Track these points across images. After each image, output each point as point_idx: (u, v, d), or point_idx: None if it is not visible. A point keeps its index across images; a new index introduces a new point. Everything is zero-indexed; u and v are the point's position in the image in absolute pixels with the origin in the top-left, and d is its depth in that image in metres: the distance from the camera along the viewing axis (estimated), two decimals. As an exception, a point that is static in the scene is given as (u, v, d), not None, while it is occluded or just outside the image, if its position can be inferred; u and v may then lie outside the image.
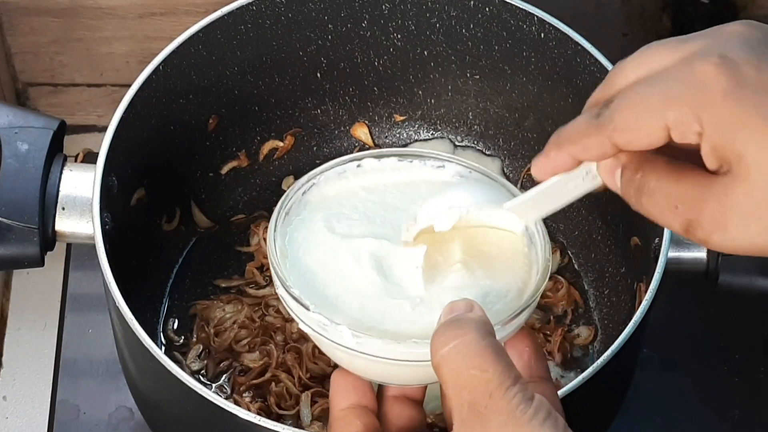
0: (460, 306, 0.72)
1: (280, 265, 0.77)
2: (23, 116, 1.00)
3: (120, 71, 1.27)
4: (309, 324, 0.76)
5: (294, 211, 0.81)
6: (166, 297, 1.12)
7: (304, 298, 0.75)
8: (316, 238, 0.79)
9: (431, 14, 1.10)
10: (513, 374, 0.68)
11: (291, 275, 0.77)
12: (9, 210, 0.96)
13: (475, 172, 0.83)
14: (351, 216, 0.81)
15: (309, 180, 0.82)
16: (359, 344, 0.74)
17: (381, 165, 0.83)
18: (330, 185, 0.82)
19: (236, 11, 1.07)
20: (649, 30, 1.26)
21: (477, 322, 0.70)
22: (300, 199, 0.81)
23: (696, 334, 1.17)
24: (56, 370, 1.16)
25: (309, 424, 1.03)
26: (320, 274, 0.78)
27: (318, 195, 0.82)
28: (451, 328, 0.70)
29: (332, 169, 0.82)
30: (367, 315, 0.76)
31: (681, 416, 1.13)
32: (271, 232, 0.79)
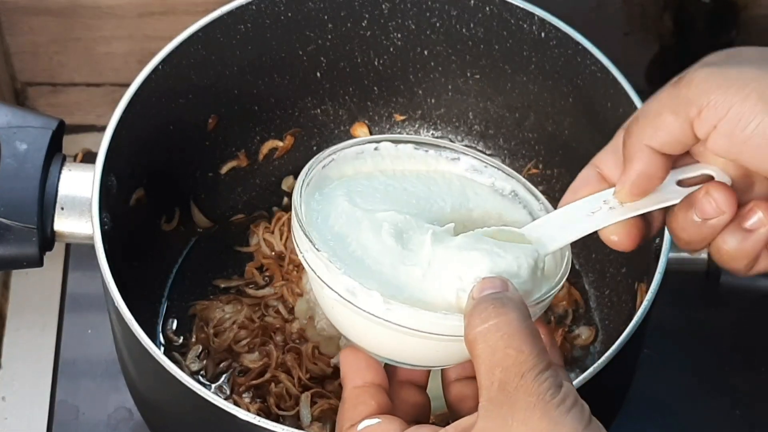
0: (496, 283, 0.72)
1: (306, 228, 0.76)
2: (22, 116, 1.00)
3: (119, 71, 1.27)
4: (336, 289, 0.74)
5: (314, 184, 0.81)
6: (165, 297, 1.12)
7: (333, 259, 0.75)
8: (338, 210, 0.79)
9: (431, 14, 1.10)
10: (547, 359, 0.70)
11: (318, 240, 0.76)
12: (8, 210, 0.96)
13: (490, 167, 0.82)
14: (373, 195, 0.81)
15: (329, 155, 0.82)
16: (388, 311, 0.73)
17: (397, 151, 0.83)
18: (347, 164, 0.82)
19: (236, 11, 1.07)
20: (650, 30, 1.26)
21: (517, 303, 0.71)
22: (320, 172, 0.81)
23: (697, 334, 1.17)
24: (55, 371, 1.16)
25: (309, 424, 1.03)
26: (344, 243, 0.77)
27: (336, 171, 0.82)
28: (492, 305, 0.71)
29: (350, 148, 0.82)
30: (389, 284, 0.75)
31: (681, 416, 1.13)
32: (296, 197, 0.78)
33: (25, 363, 1.17)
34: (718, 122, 0.73)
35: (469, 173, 0.83)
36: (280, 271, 1.11)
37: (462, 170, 0.83)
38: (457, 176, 0.83)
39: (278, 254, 1.13)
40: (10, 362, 1.17)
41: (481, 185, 0.83)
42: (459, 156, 0.83)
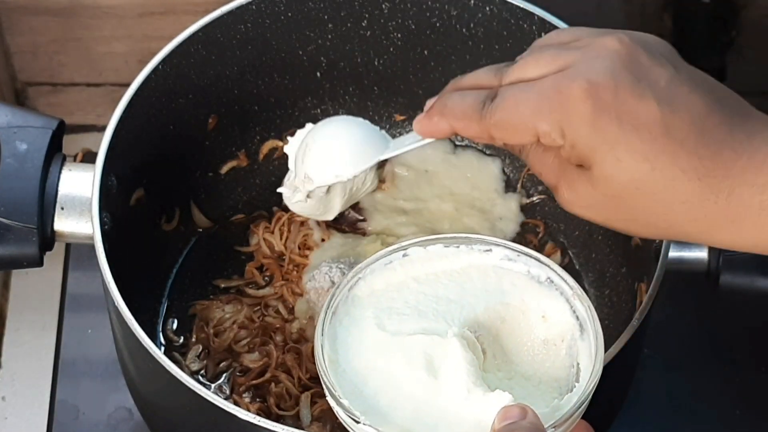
0: (514, 413, 0.72)
1: (328, 374, 0.76)
2: (22, 116, 1.00)
3: (119, 71, 1.27)
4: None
5: (342, 310, 0.80)
6: (165, 297, 1.11)
7: (353, 407, 0.75)
8: (365, 338, 0.78)
9: (431, 14, 1.10)
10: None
11: (340, 382, 0.76)
12: (8, 210, 0.96)
13: (523, 256, 0.82)
14: (402, 311, 0.80)
15: (355, 275, 0.81)
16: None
17: (428, 253, 0.82)
18: (377, 277, 0.81)
19: (236, 11, 1.07)
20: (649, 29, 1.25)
21: (531, 430, 0.71)
22: (347, 295, 0.80)
23: (697, 334, 1.17)
24: (55, 371, 1.15)
25: (309, 424, 1.03)
26: (371, 379, 0.77)
27: (366, 289, 0.81)
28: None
29: (378, 261, 0.81)
30: (420, 421, 0.75)
31: (681, 416, 1.13)
32: (318, 336, 0.78)
33: (25, 363, 1.17)
34: None
35: (503, 263, 0.82)
36: (280, 271, 1.11)
37: (497, 260, 0.82)
38: (492, 267, 0.82)
39: (278, 254, 1.13)
40: (10, 362, 1.17)
41: (518, 274, 0.82)
42: (491, 248, 0.82)
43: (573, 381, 0.78)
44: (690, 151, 0.75)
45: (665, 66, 0.77)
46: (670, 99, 0.75)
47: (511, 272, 0.82)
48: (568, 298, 0.80)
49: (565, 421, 0.74)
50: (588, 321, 0.79)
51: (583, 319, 0.79)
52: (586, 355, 0.78)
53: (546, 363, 0.79)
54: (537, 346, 0.80)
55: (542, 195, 1.16)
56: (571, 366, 0.79)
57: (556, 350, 0.79)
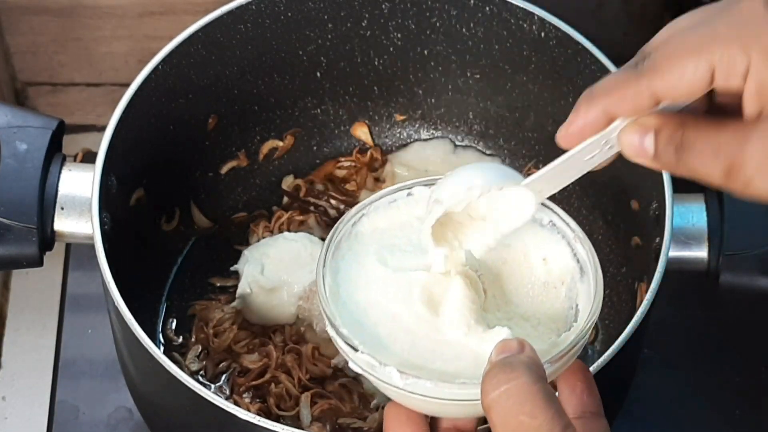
0: (511, 346, 0.71)
1: (329, 304, 0.76)
2: (22, 116, 1.00)
3: (119, 71, 1.27)
4: (358, 363, 0.75)
5: (344, 245, 0.80)
6: (165, 297, 1.11)
7: (353, 337, 0.75)
8: (367, 273, 0.78)
9: (431, 14, 1.10)
10: (562, 422, 0.68)
11: (341, 313, 0.76)
12: (8, 210, 0.96)
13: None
14: (405, 248, 0.80)
15: (358, 211, 0.80)
16: (408, 385, 0.73)
17: None
18: (381, 216, 0.81)
19: (236, 11, 1.07)
20: (649, 29, 1.25)
21: (528, 364, 0.69)
22: (350, 231, 0.80)
23: (697, 334, 1.17)
24: (55, 371, 1.16)
25: (308, 425, 1.03)
26: (371, 312, 0.77)
27: (369, 226, 0.81)
28: (502, 371, 0.69)
29: (382, 198, 0.81)
30: (417, 354, 0.75)
31: (682, 416, 1.13)
32: (320, 267, 0.78)
33: (26, 363, 1.17)
34: None
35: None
36: (280, 271, 1.12)
37: None
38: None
39: (278, 254, 1.13)
40: (11, 362, 1.17)
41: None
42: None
43: (571, 321, 0.78)
44: None
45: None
46: None
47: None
48: (570, 241, 0.80)
49: (560, 357, 0.74)
50: (588, 263, 0.79)
51: (584, 262, 0.79)
52: (585, 296, 0.78)
53: (545, 304, 0.79)
54: (537, 288, 0.80)
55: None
56: (570, 308, 0.79)
57: (556, 292, 0.80)
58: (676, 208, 0.97)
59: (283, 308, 1.07)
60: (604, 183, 1.09)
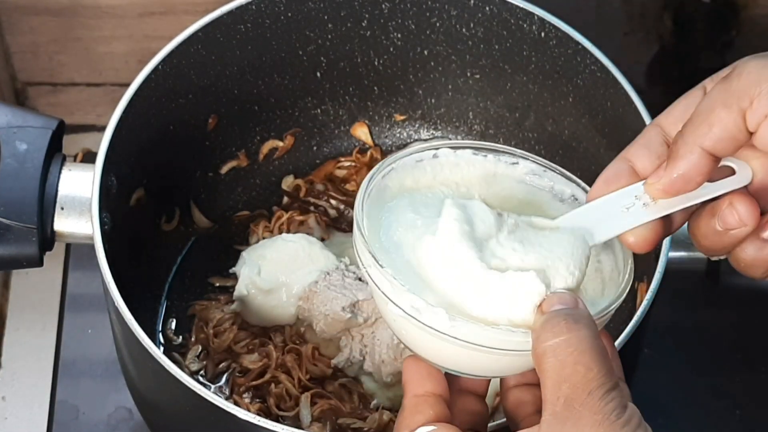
0: (567, 299, 0.72)
1: (370, 243, 0.76)
2: (22, 116, 1.00)
3: (119, 71, 1.27)
4: (401, 305, 0.74)
5: (376, 195, 0.79)
6: (164, 297, 1.12)
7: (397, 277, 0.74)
8: (403, 221, 0.78)
9: (431, 14, 1.10)
10: (614, 378, 0.70)
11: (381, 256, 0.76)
12: (8, 210, 0.96)
13: (549, 171, 0.82)
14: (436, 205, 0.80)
15: (389, 165, 0.80)
16: (453, 327, 0.73)
17: (456, 157, 0.82)
18: (407, 173, 0.81)
19: (236, 11, 1.07)
20: (649, 29, 1.26)
21: (589, 320, 0.71)
22: (380, 182, 0.80)
23: (697, 334, 1.17)
24: (55, 371, 1.16)
25: (309, 425, 1.03)
26: (410, 256, 0.76)
27: (397, 181, 0.81)
28: (565, 321, 0.71)
29: (410, 156, 0.81)
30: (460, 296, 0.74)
31: (681, 416, 1.13)
32: (358, 211, 0.77)
33: (26, 363, 1.17)
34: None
35: (528, 177, 0.82)
36: (280, 271, 1.12)
37: (521, 174, 0.82)
38: (517, 182, 0.82)
39: (278, 254, 1.13)
40: (11, 362, 1.17)
41: (542, 190, 0.82)
42: (518, 160, 0.82)
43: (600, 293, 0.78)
44: None
45: None
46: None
47: (535, 188, 0.82)
48: None
49: (598, 319, 0.74)
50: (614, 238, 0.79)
51: None
52: (609, 267, 0.79)
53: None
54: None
55: None
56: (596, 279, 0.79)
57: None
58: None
59: (282, 309, 1.07)
60: (604, 183, 1.09)
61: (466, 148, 0.82)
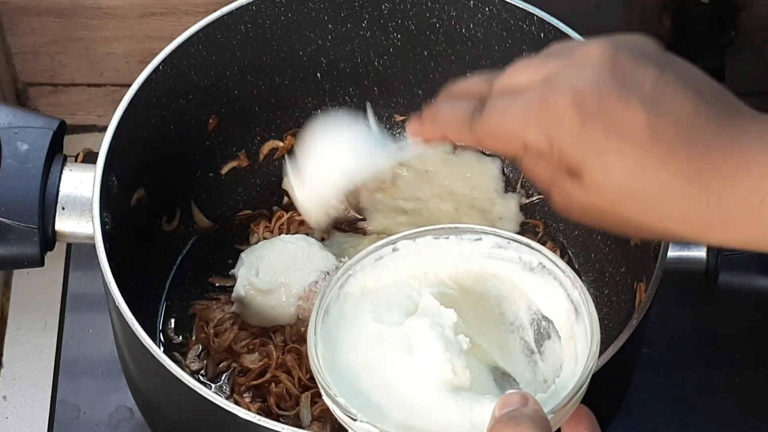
0: (514, 400, 0.71)
1: (323, 373, 0.75)
2: (23, 116, 1.00)
3: (120, 71, 1.27)
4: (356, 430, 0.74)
5: (334, 308, 0.79)
6: (165, 297, 1.12)
7: (350, 405, 0.74)
8: (362, 333, 0.78)
9: (431, 14, 1.10)
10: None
11: (336, 380, 0.75)
12: (9, 210, 0.96)
13: (513, 243, 0.81)
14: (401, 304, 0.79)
15: (345, 272, 0.80)
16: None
17: (417, 246, 0.81)
18: (368, 274, 0.80)
19: (236, 11, 1.07)
20: (649, 30, 1.25)
21: (534, 418, 0.70)
22: (338, 293, 0.79)
23: (696, 334, 1.17)
24: (56, 370, 1.16)
25: (309, 424, 1.03)
26: (366, 375, 0.76)
27: (357, 286, 0.80)
28: (507, 426, 0.70)
29: (368, 257, 0.80)
30: (416, 418, 0.74)
31: (681, 416, 1.13)
32: (311, 335, 0.77)
33: (27, 362, 1.17)
34: None
35: (494, 251, 0.81)
36: (280, 271, 1.12)
37: (487, 249, 0.81)
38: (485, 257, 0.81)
39: (278, 254, 1.13)
40: (12, 361, 1.18)
41: (510, 262, 0.81)
42: (480, 236, 0.81)
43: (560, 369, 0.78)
44: (678, 154, 0.74)
45: (650, 68, 0.76)
46: (656, 101, 0.75)
47: (503, 260, 0.81)
48: (562, 283, 0.80)
49: (563, 406, 0.73)
50: (582, 304, 0.78)
51: (578, 303, 0.79)
52: (582, 338, 0.78)
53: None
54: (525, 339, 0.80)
55: (542, 195, 1.16)
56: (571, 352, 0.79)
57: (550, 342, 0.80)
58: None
59: (282, 309, 1.07)
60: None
61: (425, 235, 0.82)
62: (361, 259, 0.80)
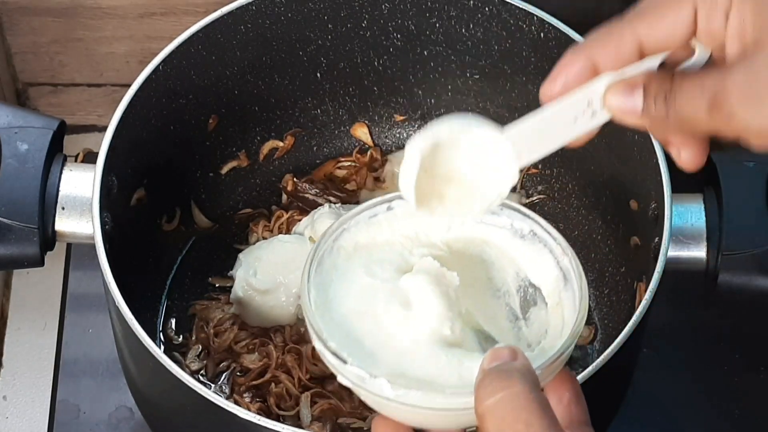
0: (504, 354, 0.70)
1: (315, 318, 0.76)
2: (23, 116, 1.00)
3: (120, 71, 1.27)
4: (347, 377, 0.74)
5: (327, 260, 0.79)
6: (165, 297, 1.12)
7: (341, 350, 0.74)
8: (354, 285, 0.78)
9: (431, 14, 1.10)
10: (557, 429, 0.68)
11: (327, 326, 0.75)
12: (9, 210, 0.96)
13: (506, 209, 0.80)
14: (393, 262, 0.79)
15: (340, 226, 0.80)
16: (399, 396, 0.73)
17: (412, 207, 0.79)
18: (362, 231, 0.80)
19: (236, 11, 1.07)
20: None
21: (523, 372, 0.69)
22: (332, 246, 0.79)
23: (696, 334, 1.17)
24: (56, 370, 1.16)
25: (309, 424, 1.03)
26: (358, 323, 0.76)
27: (350, 241, 0.80)
28: (497, 379, 0.69)
29: (363, 213, 0.80)
30: (406, 364, 0.75)
31: (681, 416, 1.13)
32: (304, 282, 0.77)
33: (27, 362, 1.17)
34: None
35: (487, 217, 0.80)
36: (280, 271, 1.12)
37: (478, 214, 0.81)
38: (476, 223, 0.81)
39: (278, 254, 1.13)
40: (12, 361, 1.18)
41: (501, 228, 0.81)
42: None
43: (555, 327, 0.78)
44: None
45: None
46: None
47: (494, 226, 0.81)
48: (552, 250, 0.79)
49: (549, 365, 0.73)
50: (572, 271, 0.78)
51: (567, 270, 0.78)
52: (570, 304, 0.78)
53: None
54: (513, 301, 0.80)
55: (542, 195, 1.16)
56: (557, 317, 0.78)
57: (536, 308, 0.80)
58: (675, 208, 0.97)
59: (281, 309, 1.07)
60: (603, 183, 1.09)
61: None
62: (355, 215, 0.80)
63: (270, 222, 1.15)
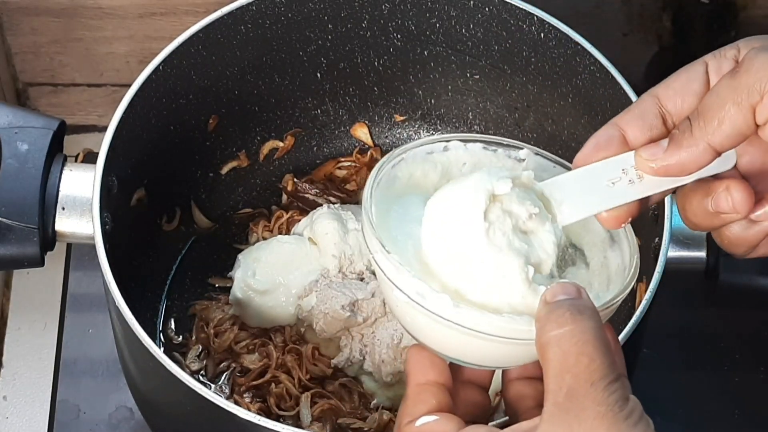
0: (571, 289, 0.72)
1: (376, 229, 0.76)
2: (23, 116, 1.00)
3: (120, 71, 1.27)
4: (406, 291, 0.74)
5: (385, 184, 0.79)
6: (165, 297, 1.12)
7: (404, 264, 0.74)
8: (412, 215, 0.78)
9: (431, 14, 1.10)
10: (617, 371, 0.69)
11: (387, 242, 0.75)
12: (9, 210, 0.96)
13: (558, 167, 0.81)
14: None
15: (399, 155, 0.80)
16: (458, 314, 0.73)
17: (467, 151, 0.82)
18: (417, 165, 0.81)
19: (236, 11, 1.07)
20: (649, 30, 1.26)
21: (593, 311, 0.71)
22: (390, 172, 0.80)
23: (696, 334, 1.17)
24: (56, 370, 1.16)
25: (309, 424, 1.03)
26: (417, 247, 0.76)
27: (406, 172, 0.80)
28: (569, 311, 0.70)
29: (420, 147, 0.81)
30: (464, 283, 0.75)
31: (681, 416, 1.13)
32: (367, 198, 0.77)
33: (27, 362, 1.17)
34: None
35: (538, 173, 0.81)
36: (280, 271, 1.12)
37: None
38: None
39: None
40: (12, 361, 1.18)
41: None
42: (525, 158, 0.81)
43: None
44: None
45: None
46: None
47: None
48: None
49: (602, 311, 0.74)
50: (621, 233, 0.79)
51: (615, 231, 0.79)
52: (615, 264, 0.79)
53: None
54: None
55: None
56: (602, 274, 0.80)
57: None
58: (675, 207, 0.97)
59: (281, 309, 1.07)
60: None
61: (477, 141, 0.82)
62: (413, 148, 0.81)
63: (270, 222, 1.15)
